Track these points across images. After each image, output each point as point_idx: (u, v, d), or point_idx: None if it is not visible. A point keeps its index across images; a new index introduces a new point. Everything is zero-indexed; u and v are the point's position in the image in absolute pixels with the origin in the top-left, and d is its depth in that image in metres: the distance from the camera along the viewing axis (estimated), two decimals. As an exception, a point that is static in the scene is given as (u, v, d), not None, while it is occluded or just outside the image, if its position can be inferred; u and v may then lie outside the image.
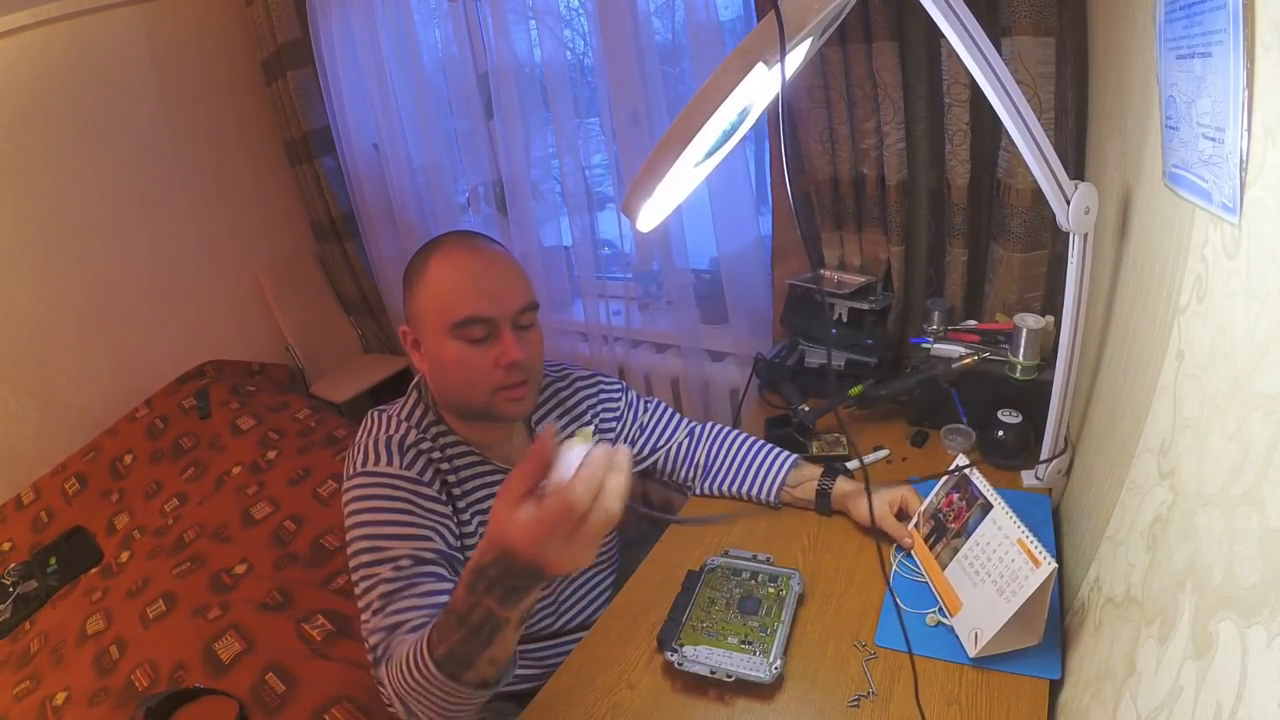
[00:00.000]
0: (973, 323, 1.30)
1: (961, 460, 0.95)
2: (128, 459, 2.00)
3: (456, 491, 0.92)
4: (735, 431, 1.16)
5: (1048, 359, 1.10)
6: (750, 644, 0.84)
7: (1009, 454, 1.10)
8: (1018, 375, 1.14)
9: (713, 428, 1.16)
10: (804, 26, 0.64)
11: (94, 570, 1.68)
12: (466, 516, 0.92)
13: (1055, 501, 1.02)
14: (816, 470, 1.08)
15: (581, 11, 1.85)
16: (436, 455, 0.91)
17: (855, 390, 1.26)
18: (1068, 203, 0.81)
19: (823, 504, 1.06)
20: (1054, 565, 0.74)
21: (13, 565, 1.75)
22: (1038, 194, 1.04)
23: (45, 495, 1.99)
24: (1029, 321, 1.12)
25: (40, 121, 1.99)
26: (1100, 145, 1.07)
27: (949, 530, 0.91)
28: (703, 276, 1.85)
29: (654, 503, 2.04)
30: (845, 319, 1.42)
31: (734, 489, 1.12)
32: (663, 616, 0.89)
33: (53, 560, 1.73)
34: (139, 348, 2.25)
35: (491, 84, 1.82)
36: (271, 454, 1.87)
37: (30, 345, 2.04)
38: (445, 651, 0.64)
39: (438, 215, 2.15)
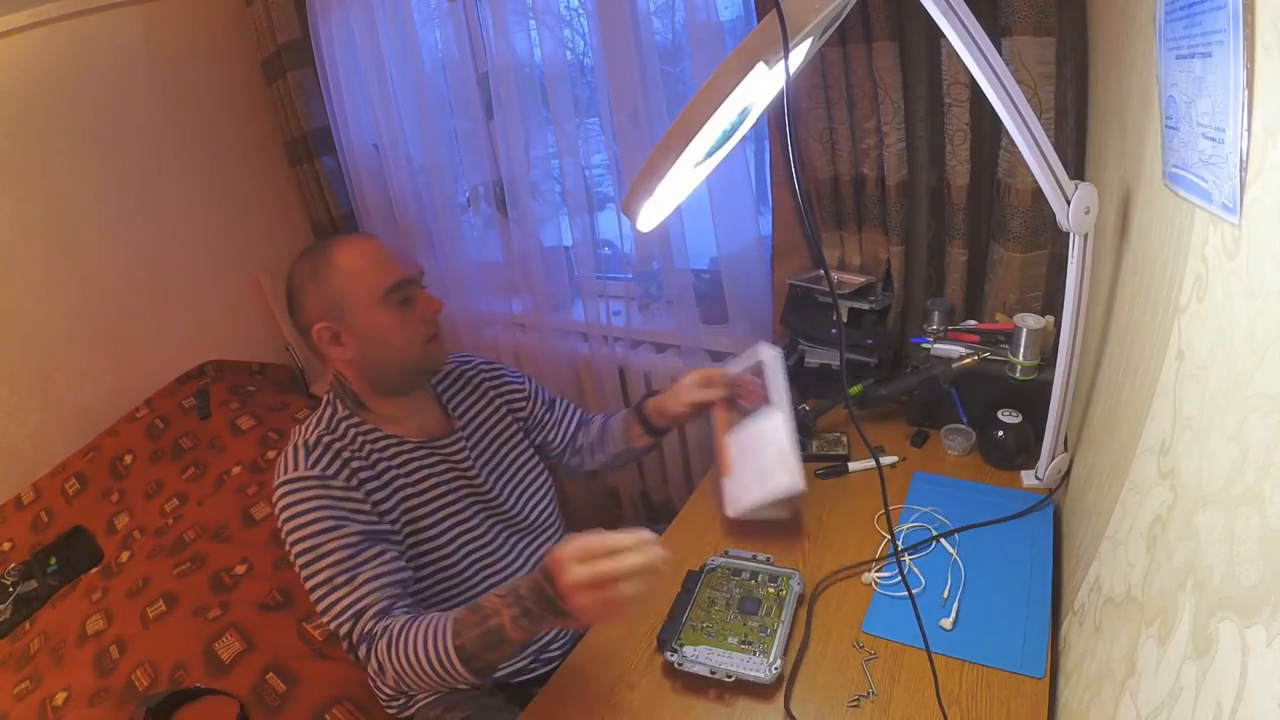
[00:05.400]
0: (973, 323, 1.30)
1: (767, 353, 1.07)
2: (128, 459, 2.00)
3: (366, 475, 0.95)
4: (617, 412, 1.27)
5: (1048, 359, 1.10)
6: (750, 644, 0.84)
7: (1009, 454, 1.10)
8: (1018, 375, 1.14)
9: (603, 414, 1.28)
10: (805, 26, 0.64)
11: (94, 570, 1.68)
12: (383, 495, 0.95)
13: (1055, 501, 1.02)
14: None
15: (581, 11, 1.85)
16: (338, 445, 0.95)
17: (855, 390, 1.27)
18: (1068, 203, 0.81)
19: (650, 429, 1.18)
20: (799, 484, 0.94)
21: (13, 565, 1.75)
22: (1038, 194, 1.04)
23: (45, 495, 1.99)
24: (1029, 321, 1.12)
25: (40, 121, 1.99)
26: (1100, 145, 1.07)
27: (740, 406, 1.09)
28: (703, 276, 1.85)
29: (654, 502, 2.04)
30: (845, 319, 1.42)
31: (606, 456, 1.24)
32: (663, 616, 0.89)
33: (53, 560, 1.73)
34: (139, 348, 2.25)
35: (491, 84, 1.82)
36: (271, 454, 1.87)
37: (30, 345, 2.04)
38: (463, 643, 0.75)
39: (438, 215, 2.15)
